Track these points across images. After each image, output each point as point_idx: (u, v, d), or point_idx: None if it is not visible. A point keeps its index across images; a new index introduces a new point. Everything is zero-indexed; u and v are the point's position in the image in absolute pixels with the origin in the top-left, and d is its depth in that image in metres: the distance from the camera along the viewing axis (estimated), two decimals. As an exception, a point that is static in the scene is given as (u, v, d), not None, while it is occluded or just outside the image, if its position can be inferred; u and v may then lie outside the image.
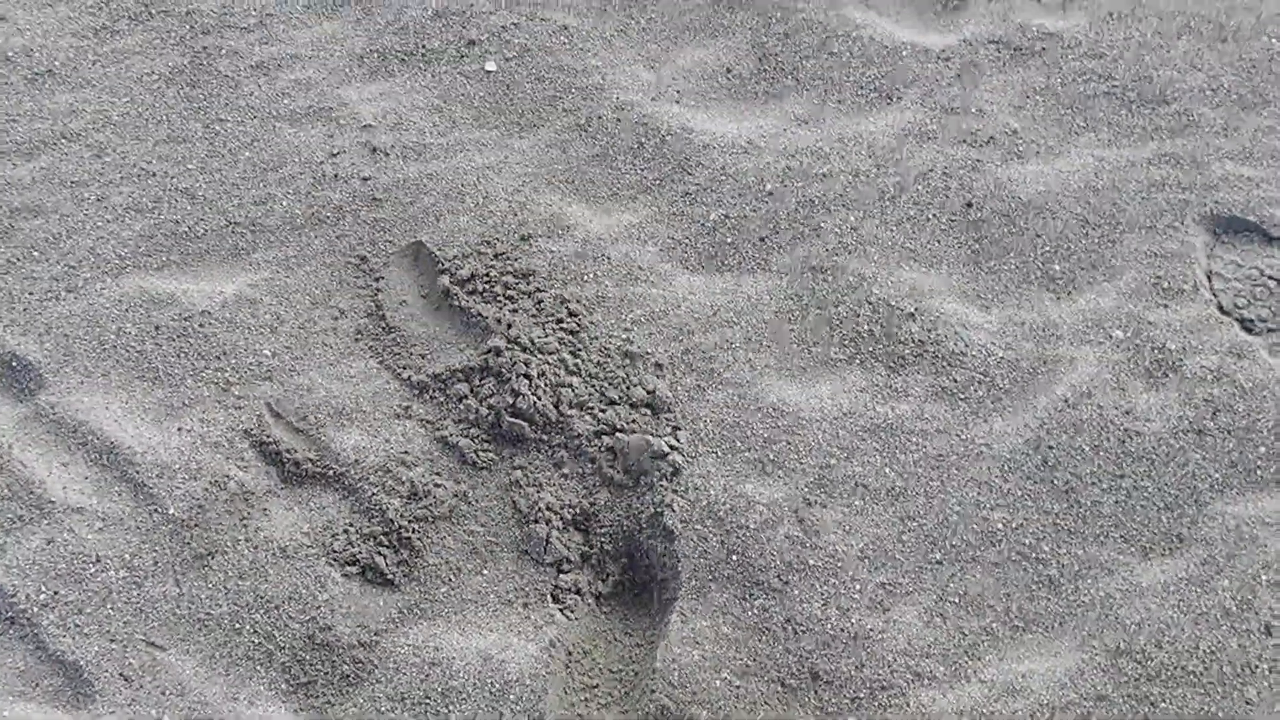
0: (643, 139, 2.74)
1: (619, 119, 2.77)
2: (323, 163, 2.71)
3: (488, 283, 2.51)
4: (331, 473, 2.31)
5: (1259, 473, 2.27)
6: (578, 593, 2.20)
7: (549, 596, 2.20)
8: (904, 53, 2.85)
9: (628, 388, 2.37)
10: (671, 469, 2.27)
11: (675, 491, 2.25)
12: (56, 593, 2.18)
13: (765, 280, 2.52)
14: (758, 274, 2.53)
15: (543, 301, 2.48)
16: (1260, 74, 2.79)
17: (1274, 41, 2.84)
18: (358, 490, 2.28)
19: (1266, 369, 2.37)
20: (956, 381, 2.37)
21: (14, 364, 2.43)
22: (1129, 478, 2.26)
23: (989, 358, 2.40)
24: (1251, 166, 2.63)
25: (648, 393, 2.36)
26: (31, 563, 2.20)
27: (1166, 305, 2.45)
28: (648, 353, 2.41)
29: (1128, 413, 2.33)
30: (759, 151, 2.70)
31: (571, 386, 2.36)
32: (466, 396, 2.37)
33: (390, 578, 2.20)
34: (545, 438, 2.33)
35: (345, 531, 2.24)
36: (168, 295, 2.51)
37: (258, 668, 2.12)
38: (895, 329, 2.43)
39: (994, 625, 2.13)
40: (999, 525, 2.22)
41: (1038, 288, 2.49)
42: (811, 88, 2.81)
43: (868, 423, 2.33)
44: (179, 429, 2.34)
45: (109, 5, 3.00)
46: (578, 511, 2.27)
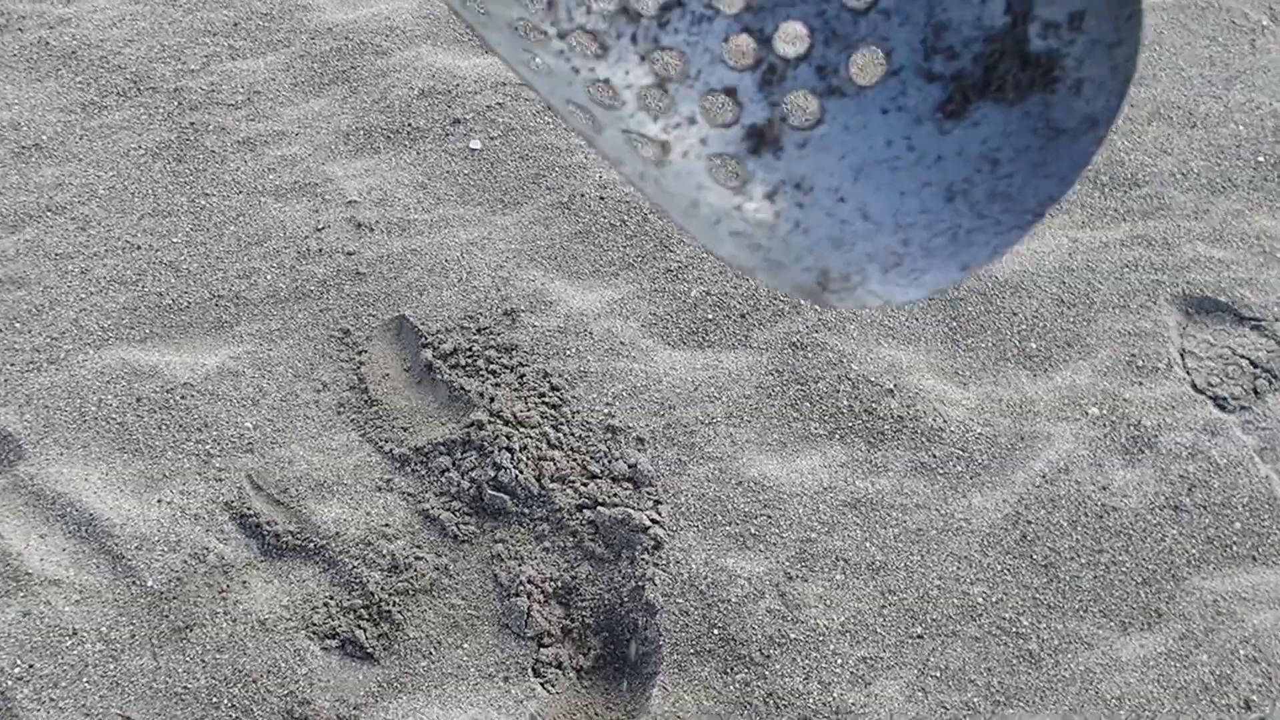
0: (625, 216, 2.77)
1: (602, 197, 2.81)
2: (307, 237, 2.73)
3: (470, 357, 2.52)
4: (312, 545, 2.30)
5: (1234, 548, 2.29)
6: (559, 666, 2.19)
7: (530, 670, 2.18)
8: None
9: (609, 462, 2.38)
10: (653, 542, 2.27)
11: (657, 565, 2.25)
12: (31, 666, 2.15)
13: (746, 356, 2.54)
14: (739, 350, 2.56)
15: (525, 376, 2.49)
16: (1228, 159, 2.85)
17: (1240, 128, 2.92)
18: (338, 563, 2.27)
19: (1240, 446, 2.40)
20: (936, 457, 2.40)
21: (-6, 435, 2.42)
22: (1107, 552, 2.28)
23: (967, 434, 2.42)
24: (1222, 248, 2.68)
25: (629, 466, 2.37)
26: (7, 635, 2.18)
27: (1141, 383, 2.49)
28: (629, 427, 2.43)
29: (1105, 488, 2.35)
30: (739, 230, 2.73)
31: (553, 460, 2.37)
32: (449, 469, 2.37)
33: (370, 651, 2.18)
34: (527, 511, 2.33)
35: (325, 604, 2.23)
36: (150, 367, 2.52)
37: (235, 741, 2.10)
38: (875, 405, 2.46)
39: (975, 700, 2.13)
40: (979, 599, 2.23)
41: (1014, 365, 2.53)
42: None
43: (848, 497, 2.35)
44: (159, 500, 2.34)
45: (98, 81, 3.03)
46: (559, 585, 2.27)
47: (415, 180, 2.85)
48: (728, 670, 2.15)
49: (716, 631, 2.19)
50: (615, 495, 2.33)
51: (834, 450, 2.41)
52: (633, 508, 2.31)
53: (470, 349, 2.53)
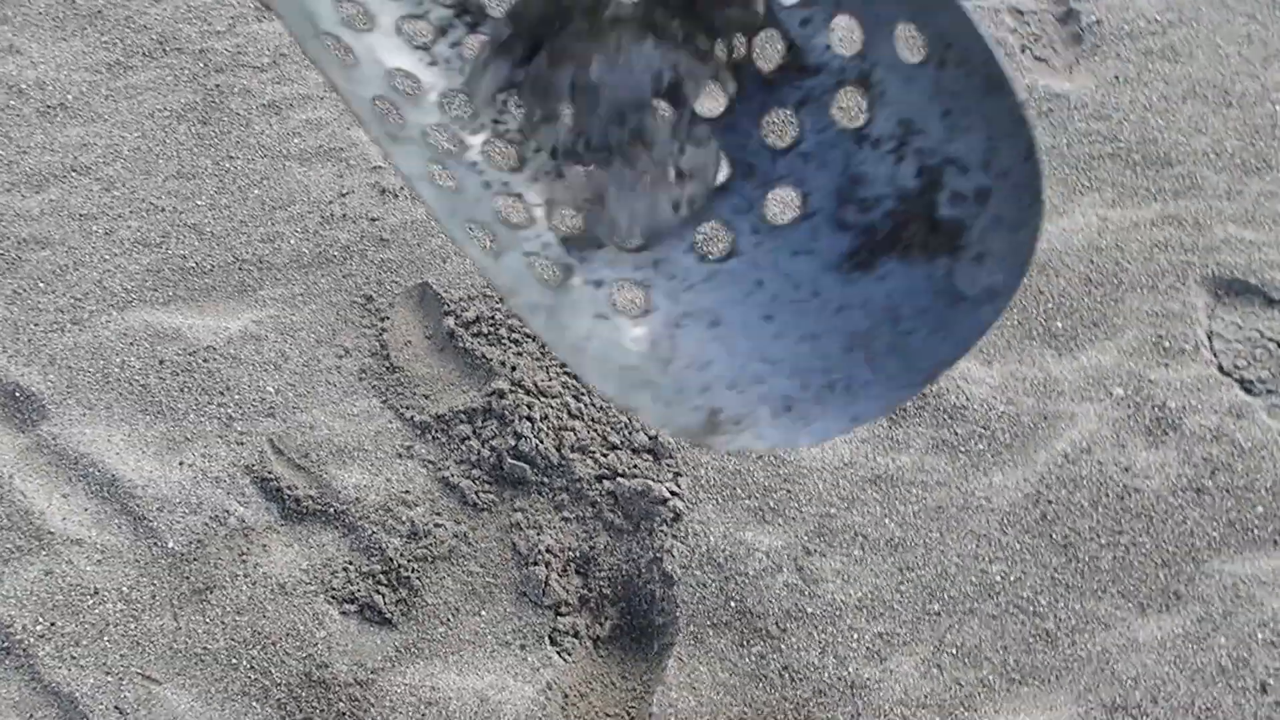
0: (649, 187, 2.76)
1: (626, 166, 2.80)
2: (331, 202, 2.73)
3: (493, 325, 2.52)
4: (332, 510, 2.31)
5: (1256, 532, 2.27)
6: (575, 636, 2.20)
7: (547, 639, 2.19)
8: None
9: (630, 433, 2.38)
10: (672, 514, 2.27)
11: (675, 537, 2.25)
12: (53, 624, 2.17)
13: (768, 329, 2.53)
14: (761, 323, 2.54)
15: (547, 345, 2.49)
16: (1263, 139, 2.82)
17: (1277, 108, 2.88)
18: (358, 528, 2.28)
19: (1265, 429, 2.38)
20: (957, 435, 2.38)
21: (17, 394, 2.43)
22: (1127, 534, 2.27)
23: (990, 412, 2.41)
24: (1254, 230, 2.65)
25: (650, 438, 2.37)
26: (29, 593, 2.20)
27: (1167, 364, 2.47)
28: (650, 398, 2.42)
29: (1127, 469, 2.34)
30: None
31: (574, 430, 2.37)
32: (469, 438, 2.38)
33: (388, 616, 2.19)
34: (546, 480, 2.34)
35: (344, 569, 2.24)
36: (173, 330, 2.52)
37: (253, 704, 2.11)
38: (897, 381, 2.44)
39: (990, 677, 2.12)
40: (997, 578, 2.22)
41: (1040, 344, 2.51)
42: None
43: (868, 473, 2.34)
44: (180, 463, 2.35)
45: (123, 41, 3.03)
46: (577, 555, 2.27)
47: (440, 146, 2.84)
48: (744, 643, 2.16)
49: (734, 604, 2.19)
50: (635, 466, 2.33)
51: (855, 426, 2.40)
52: (652, 479, 2.31)
53: (493, 317, 2.53)
